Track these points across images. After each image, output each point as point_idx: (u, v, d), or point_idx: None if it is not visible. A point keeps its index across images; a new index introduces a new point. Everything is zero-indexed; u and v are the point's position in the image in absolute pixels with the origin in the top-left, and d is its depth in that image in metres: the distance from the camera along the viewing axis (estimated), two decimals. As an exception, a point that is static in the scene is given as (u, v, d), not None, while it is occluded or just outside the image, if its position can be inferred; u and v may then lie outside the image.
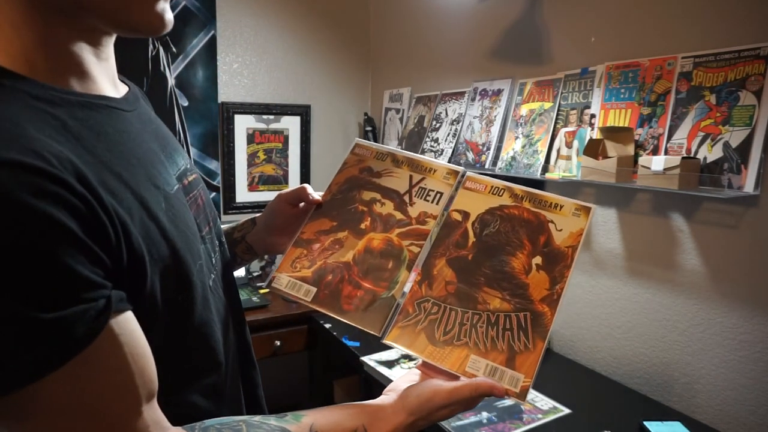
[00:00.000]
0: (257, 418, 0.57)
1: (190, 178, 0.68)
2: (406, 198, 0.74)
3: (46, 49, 0.50)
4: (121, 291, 0.47)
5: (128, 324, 0.48)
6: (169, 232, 0.54)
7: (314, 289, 0.69)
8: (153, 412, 0.49)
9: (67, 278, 0.43)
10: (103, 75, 0.57)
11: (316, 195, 0.77)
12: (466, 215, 0.72)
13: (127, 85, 0.65)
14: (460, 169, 0.76)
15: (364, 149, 0.80)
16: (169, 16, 0.54)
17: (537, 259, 0.66)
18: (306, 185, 0.77)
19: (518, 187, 0.73)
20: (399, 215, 0.73)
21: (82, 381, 0.45)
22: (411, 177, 0.76)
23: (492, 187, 0.73)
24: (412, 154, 0.79)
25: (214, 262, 0.67)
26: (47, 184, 0.42)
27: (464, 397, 0.62)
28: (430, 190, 0.74)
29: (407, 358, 1.57)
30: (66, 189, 0.44)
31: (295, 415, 0.58)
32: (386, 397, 0.64)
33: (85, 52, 0.53)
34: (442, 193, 0.73)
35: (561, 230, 0.68)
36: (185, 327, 0.57)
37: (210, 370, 0.62)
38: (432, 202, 0.73)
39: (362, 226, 0.73)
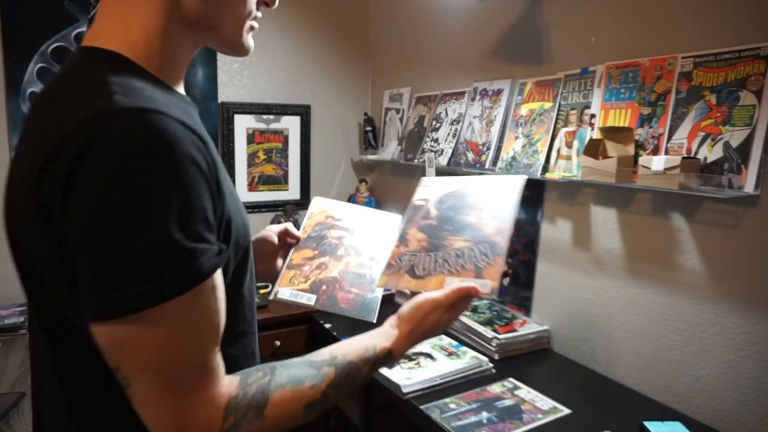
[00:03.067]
0: (283, 360, 0.68)
1: None
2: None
3: (164, 53, 0.63)
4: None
5: (220, 278, 0.59)
6: (242, 211, 0.68)
7: (314, 296, 0.92)
8: (219, 355, 0.59)
9: (205, 218, 0.55)
10: (183, 81, 0.70)
11: (297, 233, 1.01)
12: (427, 200, 0.95)
13: None
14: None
15: (324, 203, 1.09)
16: (252, 44, 0.72)
17: (484, 213, 0.87)
18: (288, 224, 1.01)
19: (458, 178, 0.98)
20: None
21: (192, 310, 0.55)
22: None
23: (443, 181, 0.98)
24: (359, 207, 1.10)
25: None
26: (199, 143, 0.56)
27: (449, 299, 0.75)
28: None
29: (407, 358, 1.57)
30: (208, 150, 0.58)
31: (315, 351, 0.70)
32: (390, 319, 0.78)
33: (186, 61, 0.68)
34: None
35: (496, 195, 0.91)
36: (240, 291, 0.68)
37: (250, 333, 0.73)
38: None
39: (339, 252, 0.99)
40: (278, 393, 0.61)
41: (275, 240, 0.99)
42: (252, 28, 0.69)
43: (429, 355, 1.59)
